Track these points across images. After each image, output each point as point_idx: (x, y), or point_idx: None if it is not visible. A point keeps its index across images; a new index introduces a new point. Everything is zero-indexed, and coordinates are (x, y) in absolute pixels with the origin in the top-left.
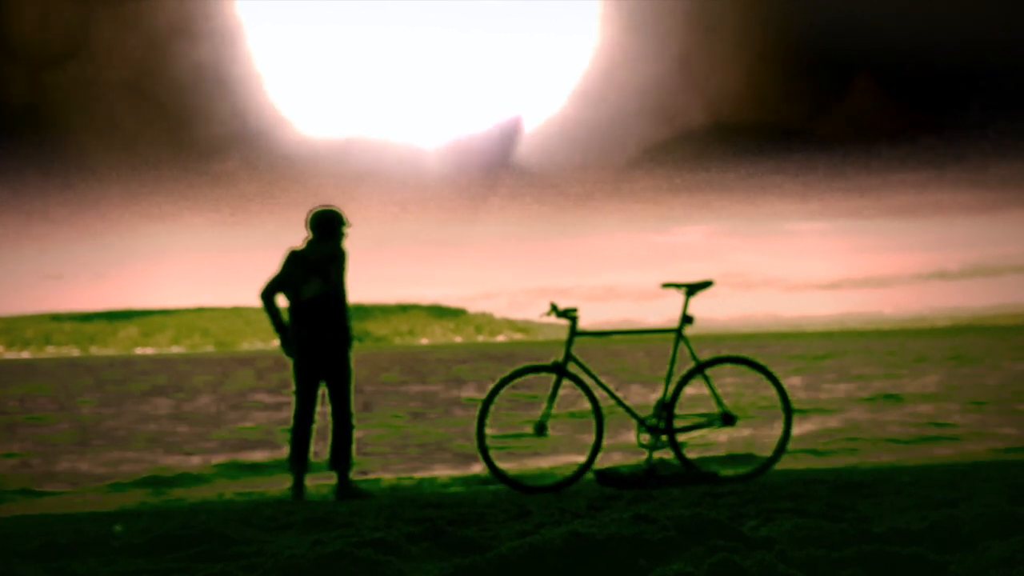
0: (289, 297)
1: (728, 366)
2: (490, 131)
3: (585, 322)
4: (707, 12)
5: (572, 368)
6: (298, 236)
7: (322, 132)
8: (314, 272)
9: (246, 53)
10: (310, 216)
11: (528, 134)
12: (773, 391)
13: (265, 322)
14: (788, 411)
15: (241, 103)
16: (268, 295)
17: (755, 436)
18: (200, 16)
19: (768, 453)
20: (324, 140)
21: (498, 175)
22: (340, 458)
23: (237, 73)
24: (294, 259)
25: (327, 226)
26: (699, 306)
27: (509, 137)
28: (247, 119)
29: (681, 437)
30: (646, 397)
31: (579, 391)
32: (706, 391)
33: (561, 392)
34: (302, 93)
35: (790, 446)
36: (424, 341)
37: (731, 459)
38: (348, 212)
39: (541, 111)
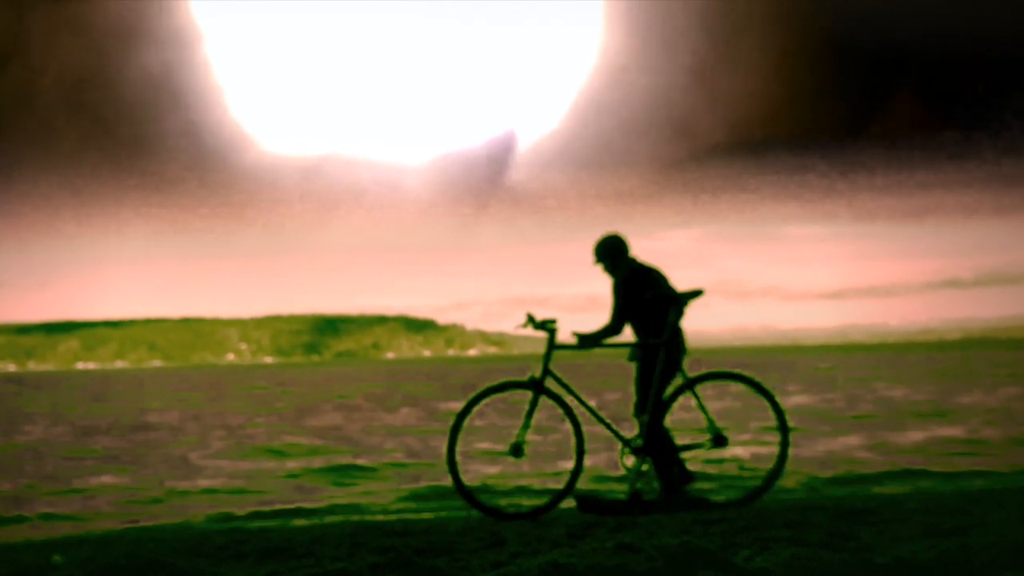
0: None
1: (720, 382)
2: (479, 148)
3: (564, 334)
4: (707, 17)
5: (550, 384)
6: (249, 242)
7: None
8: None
9: (203, 60)
10: (595, 244)
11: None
12: (768, 409)
13: (218, 334)
14: (784, 431)
15: (195, 111)
16: None
17: (748, 458)
18: (151, 20)
19: (763, 477)
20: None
21: (489, 196)
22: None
23: (192, 81)
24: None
25: (606, 255)
26: (689, 317)
27: (501, 155)
28: (201, 128)
29: None
30: (630, 416)
31: (558, 409)
32: (696, 409)
33: (539, 410)
34: (265, 102)
35: (787, 468)
36: (391, 355)
37: (723, 483)
38: (315, 221)
39: (537, 126)
